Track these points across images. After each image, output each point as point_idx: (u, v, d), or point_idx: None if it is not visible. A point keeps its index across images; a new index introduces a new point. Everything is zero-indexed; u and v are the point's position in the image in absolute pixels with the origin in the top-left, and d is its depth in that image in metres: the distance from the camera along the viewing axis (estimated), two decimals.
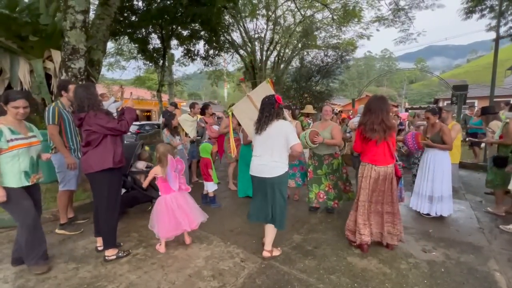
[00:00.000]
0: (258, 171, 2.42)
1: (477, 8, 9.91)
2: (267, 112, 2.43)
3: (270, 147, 2.37)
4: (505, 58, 38.15)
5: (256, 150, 2.48)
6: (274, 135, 2.35)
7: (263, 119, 2.42)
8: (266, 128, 2.38)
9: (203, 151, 3.82)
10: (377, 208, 2.61)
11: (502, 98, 16.30)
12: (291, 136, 2.35)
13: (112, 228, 2.54)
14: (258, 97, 3.27)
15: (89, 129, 2.33)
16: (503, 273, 2.26)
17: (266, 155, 2.38)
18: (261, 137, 2.42)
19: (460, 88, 10.32)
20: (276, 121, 2.39)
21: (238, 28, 14.24)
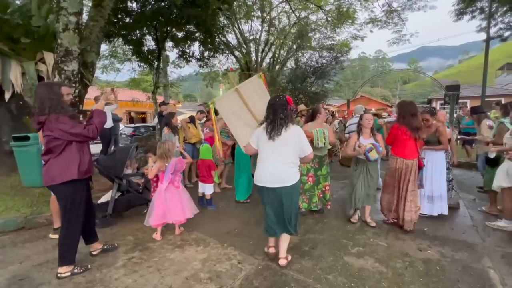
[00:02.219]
0: (273, 181, 2.18)
1: (468, 10, 10.10)
2: (282, 115, 2.19)
3: (284, 154, 2.18)
4: (496, 59, 38.95)
5: (267, 157, 2.22)
6: (289, 141, 2.17)
7: (278, 122, 2.18)
8: (281, 134, 2.16)
9: (204, 153, 3.81)
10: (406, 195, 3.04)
11: (493, 98, 16.60)
12: (305, 144, 2.22)
13: (71, 244, 2.27)
14: (249, 93, 3.13)
15: (50, 134, 2.04)
16: (497, 270, 2.29)
17: (280, 163, 2.18)
18: (273, 143, 2.18)
19: (452, 88, 10.49)
20: (289, 126, 2.19)
21: (233, 29, 14.26)
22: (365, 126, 3.23)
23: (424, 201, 3.50)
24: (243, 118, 3.11)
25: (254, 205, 4.00)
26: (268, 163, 2.21)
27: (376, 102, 29.92)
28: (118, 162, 3.34)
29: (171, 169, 2.96)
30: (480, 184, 4.83)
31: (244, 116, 3.08)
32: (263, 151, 2.27)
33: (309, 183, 3.62)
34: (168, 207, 2.90)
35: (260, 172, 2.25)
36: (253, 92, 3.28)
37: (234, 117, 3.02)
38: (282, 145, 2.17)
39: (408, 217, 3.02)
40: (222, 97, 3.17)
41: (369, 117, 3.25)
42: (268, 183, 2.20)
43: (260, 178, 2.25)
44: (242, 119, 3.04)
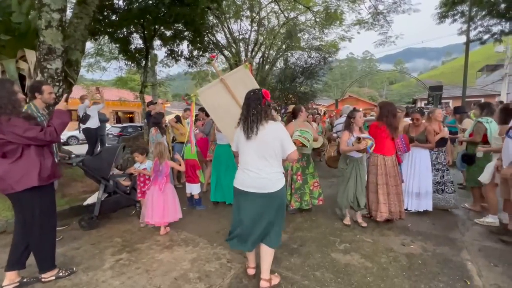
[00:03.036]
0: (256, 186, 1.94)
1: (450, 13, 10.48)
2: (254, 110, 1.93)
3: (266, 156, 1.93)
4: (476, 61, 40.56)
5: (247, 160, 1.98)
6: (269, 140, 1.92)
7: (250, 119, 1.93)
8: (258, 132, 1.91)
9: (188, 153, 3.79)
10: (394, 189, 3.21)
11: (474, 98, 17.36)
12: (288, 142, 1.96)
13: (48, 249, 2.17)
14: (235, 84, 2.89)
15: (2, 138, 1.87)
16: (474, 263, 2.41)
17: (263, 165, 1.93)
18: (252, 143, 1.94)
19: (435, 89, 10.89)
20: (268, 123, 1.95)
21: (222, 29, 14.21)
22: (358, 124, 3.24)
23: (412, 198, 3.62)
24: (231, 112, 2.88)
25: None
26: (249, 167, 1.96)
27: (363, 102, 30.54)
28: (105, 162, 3.28)
29: (167, 170, 3.11)
30: (460, 181, 5.04)
31: (232, 109, 2.85)
32: (243, 153, 2.02)
33: (299, 182, 3.67)
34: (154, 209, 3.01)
35: (240, 177, 2.02)
36: (240, 83, 2.99)
37: (221, 111, 2.82)
38: (262, 145, 1.92)
39: (397, 209, 3.21)
40: (206, 88, 2.88)
41: (362, 115, 3.32)
42: (253, 189, 1.95)
43: (241, 182, 2.01)
44: (229, 113, 2.85)
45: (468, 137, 3.70)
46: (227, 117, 2.88)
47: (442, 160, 3.79)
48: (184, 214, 3.71)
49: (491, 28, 10.59)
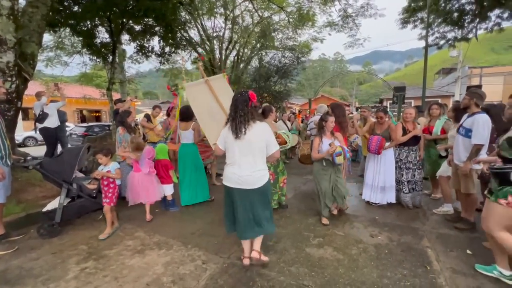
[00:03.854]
0: (241, 183, 2.12)
1: (411, 19, 11.26)
2: (241, 111, 2.09)
3: (251, 154, 2.10)
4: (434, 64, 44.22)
5: (234, 158, 2.13)
6: (256, 140, 2.09)
7: (238, 119, 2.08)
8: (246, 132, 2.06)
9: (159, 153, 3.64)
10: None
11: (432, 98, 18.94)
12: (272, 142, 2.17)
13: None
14: (218, 87, 3.03)
15: None
16: (433, 249, 2.63)
17: (247, 163, 2.11)
18: (240, 142, 2.08)
19: (399, 89, 11.66)
20: (255, 123, 2.11)
21: (195, 25, 13.88)
22: (329, 128, 3.24)
23: (377, 192, 3.84)
24: (212, 112, 2.96)
25: (219, 204, 3.97)
26: (237, 164, 2.13)
27: (335, 101, 31.82)
28: (67, 165, 3.04)
29: (148, 155, 3.39)
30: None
31: (213, 110, 2.93)
32: (230, 152, 2.16)
33: (273, 180, 3.71)
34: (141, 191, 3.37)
35: (229, 175, 2.17)
36: (221, 88, 3.19)
37: (204, 110, 2.86)
38: (249, 144, 2.08)
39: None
40: (193, 84, 2.91)
41: (333, 119, 3.29)
42: (239, 185, 2.13)
43: (230, 180, 2.17)
44: (211, 113, 2.90)
45: (440, 134, 4.01)
46: (208, 116, 2.91)
47: (413, 159, 3.77)
48: (157, 216, 3.60)
49: (446, 34, 11.60)
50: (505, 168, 1.90)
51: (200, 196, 4.03)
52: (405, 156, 3.79)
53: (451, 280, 2.14)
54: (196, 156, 4.01)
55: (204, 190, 4.08)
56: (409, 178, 3.76)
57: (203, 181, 4.08)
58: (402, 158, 3.81)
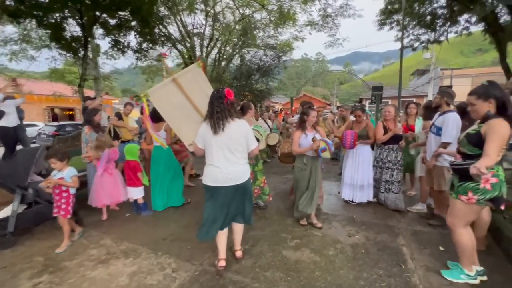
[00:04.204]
0: (227, 180, 2.09)
1: (388, 21, 11.60)
2: (217, 107, 2.06)
3: (233, 151, 2.08)
4: (409, 65, 46.29)
5: (215, 156, 2.08)
6: (236, 136, 2.07)
7: (215, 116, 2.05)
8: (225, 129, 2.03)
9: (128, 153, 3.41)
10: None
11: (407, 98, 19.82)
12: (251, 138, 2.17)
13: None
14: (188, 83, 2.82)
15: None
16: (408, 247, 2.64)
17: (230, 160, 2.08)
18: (220, 139, 2.05)
19: (377, 89, 12.01)
20: (234, 120, 2.08)
21: (175, 21, 13.44)
22: (311, 122, 3.13)
23: (357, 191, 3.83)
24: (185, 113, 2.77)
25: (195, 207, 3.80)
26: (220, 162, 2.08)
27: (317, 100, 32.32)
28: (21, 168, 2.74)
29: (106, 158, 3.29)
30: None
31: (186, 110, 2.74)
32: (210, 149, 2.10)
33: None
34: (105, 192, 3.29)
35: (213, 174, 2.10)
36: (193, 82, 2.94)
37: (175, 112, 2.69)
38: (229, 141, 2.05)
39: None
40: (157, 87, 2.71)
41: (315, 114, 3.17)
42: (224, 182, 2.09)
43: (211, 179, 2.11)
44: (184, 114, 2.72)
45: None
46: (181, 117, 2.74)
47: (393, 159, 3.63)
48: (127, 221, 3.37)
49: (420, 36, 12.08)
50: (464, 164, 1.89)
51: (174, 201, 3.82)
52: (385, 156, 3.70)
53: (425, 278, 2.14)
54: (170, 158, 3.79)
55: (179, 195, 3.86)
56: (387, 178, 3.68)
57: (179, 185, 3.87)
58: (383, 157, 3.72)
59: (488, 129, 1.79)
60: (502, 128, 1.75)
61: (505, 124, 1.76)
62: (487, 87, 1.85)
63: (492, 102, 1.82)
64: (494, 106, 1.83)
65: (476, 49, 72.65)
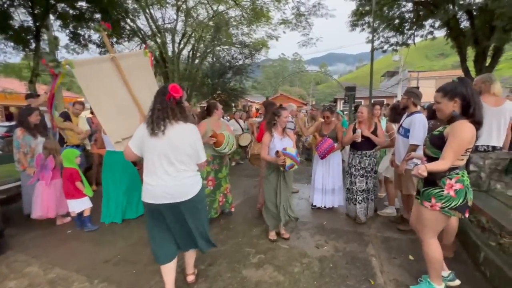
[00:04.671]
0: (170, 196, 1.70)
1: (359, 23, 11.82)
2: (159, 104, 1.71)
3: (177, 160, 1.70)
4: (380, 67, 48.56)
5: (155, 166, 1.69)
6: (180, 144, 1.70)
7: (156, 114, 1.69)
8: (165, 131, 1.66)
9: (64, 159, 2.91)
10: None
11: (378, 98, 20.63)
12: (201, 149, 1.83)
13: None
14: (130, 68, 2.37)
15: None
16: (377, 257, 2.48)
17: (174, 170, 1.70)
18: (160, 144, 1.67)
19: (350, 90, 12.19)
20: (178, 123, 1.71)
21: (144, 15, 12.65)
22: (282, 124, 2.81)
23: (328, 195, 3.65)
24: (120, 102, 2.31)
25: None
26: (161, 173, 1.69)
27: (294, 100, 32.61)
28: None
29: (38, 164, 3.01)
30: None
31: (121, 99, 2.29)
32: (147, 157, 1.71)
33: (209, 187, 3.23)
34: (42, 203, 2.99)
35: (152, 188, 1.70)
36: (136, 70, 2.47)
37: (105, 97, 2.20)
38: (170, 149, 1.68)
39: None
40: (89, 61, 2.21)
41: (287, 114, 2.86)
42: (165, 199, 1.70)
43: (154, 194, 1.70)
44: (117, 103, 2.25)
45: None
46: (112, 106, 2.25)
47: (367, 165, 3.28)
48: (66, 240, 2.90)
49: (389, 39, 12.48)
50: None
51: (131, 212, 3.38)
52: (357, 162, 3.29)
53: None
54: (126, 164, 3.31)
55: (139, 204, 3.40)
56: (363, 187, 3.26)
57: (137, 194, 3.37)
58: (355, 163, 3.31)
59: (450, 132, 1.65)
60: (464, 131, 1.59)
61: (468, 126, 1.60)
62: (455, 84, 1.69)
63: (457, 102, 1.66)
64: (459, 106, 1.67)
65: (439, 53, 78.23)
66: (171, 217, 1.77)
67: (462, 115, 1.66)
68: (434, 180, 1.71)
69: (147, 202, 1.74)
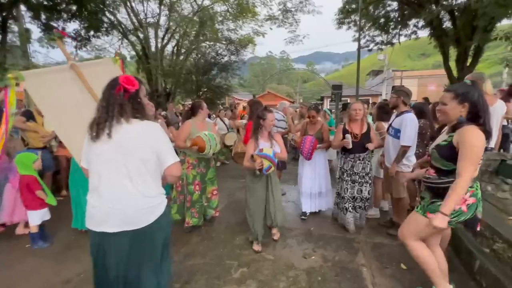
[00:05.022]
0: (118, 223, 1.25)
1: (346, 21, 11.79)
2: (105, 101, 1.32)
3: (129, 171, 1.27)
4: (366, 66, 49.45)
5: (100, 180, 1.29)
6: (135, 145, 1.28)
7: (99, 113, 1.31)
8: (112, 134, 1.26)
9: (21, 166, 2.55)
10: None
11: (364, 97, 20.91)
12: (166, 149, 1.36)
13: None
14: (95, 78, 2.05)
15: None
16: (368, 267, 2.32)
17: (122, 187, 1.27)
18: (105, 151, 1.27)
19: (337, 88, 12.17)
20: (132, 122, 1.30)
21: (125, 8, 12.03)
22: (268, 127, 2.58)
23: (316, 199, 3.46)
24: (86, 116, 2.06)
25: None
26: (103, 192, 1.27)
27: (281, 98, 32.48)
28: None
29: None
30: None
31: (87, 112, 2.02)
32: (94, 168, 1.32)
33: (197, 192, 3.00)
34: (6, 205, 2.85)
35: (91, 209, 1.30)
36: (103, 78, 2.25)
37: (65, 112, 1.94)
38: (123, 155, 1.26)
39: None
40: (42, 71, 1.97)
41: (273, 117, 2.61)
42: (108, 227, 1.25)
43: (93, 219, 1.29)
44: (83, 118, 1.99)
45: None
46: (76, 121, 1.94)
47: (360, 170, 2.95)
48: (25, 256, 2.54)
49: (375, 38, 12.55)
50: (439, 183, 1.58)
51: None
52: (350, 166, 2.98)
53: None
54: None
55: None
56: (354, 194, 2.96)
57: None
58: (347, 168, 3.00)
59: (461, 140, 1.47)
60: (476, 139, 1.43)
61: (479, 132, 1.45)
62: (468, 88, 1.51)
63: (466, 107, 1.50)
64: (467, 111, 1.51)
65: (420, 54, 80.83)
66: (113, 256, 1.27)
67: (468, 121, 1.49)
68: (444, 193, 1.52)
69: (87, 227, 1.31)
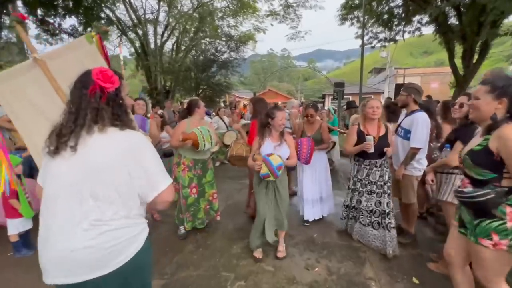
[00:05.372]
0: (71, 267, 0.92)
1: (348, 17, 11.53)
2: (74, 105, 0.99)
3: (98, 192, 0.94)
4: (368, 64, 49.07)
5: (55, 205, 0.95)
6: (106, 164, 0.95)
7: (66, 124, 0.98)
8: (77, 146, 0.95)
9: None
10: None
11: (366, 95, 20.63)
12: (155, 171, 1.04)
13: None
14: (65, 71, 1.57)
15: None
16: (377, 281, 2.13)
17: (85, 216, 0.92)
18: (64, 166, 0.95)
19: (339, 86, 11.94)
20: (107, 131, 0.98)
21: (124, 4, 11.81)
22: (278, 127, 2.34)
23: (318, 205, 3.24)
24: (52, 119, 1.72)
25: None
26: (60, 221, 0.93)
27: (282, 96, 32.25)
28: None
29: None
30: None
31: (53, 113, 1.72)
32: (49, 192, 0.98)
33: (193, 195, 2.82)
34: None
35: (43, 251, 0.95)
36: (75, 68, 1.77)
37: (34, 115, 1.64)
38: (90, 171, 0.94)
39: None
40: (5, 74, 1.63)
41: (283, 115, 2.34)
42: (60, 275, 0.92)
43: (47, 265, 0.94)
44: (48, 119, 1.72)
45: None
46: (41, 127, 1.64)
47: (377, 179, 2.51)
48: (5, 267, 2.36)
49: (378, 34, 12.28)
50: (476, 196, 1.28)
51: None
52: (365, 175, 2.58)
53: None
54: None
55: None
56: (371, 207, 2.53)
57: None
58: (362, 177, 2.60)
59: (503, 144, 1.22)
60: None
61: None
62: (509, 81, 1.28)
63: (503, 103, 1.28)
64: (505, 108, 1.29)
65: (423, 51, 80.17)
66: None
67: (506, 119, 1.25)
68: (487, 209, 1.27)
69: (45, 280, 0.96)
